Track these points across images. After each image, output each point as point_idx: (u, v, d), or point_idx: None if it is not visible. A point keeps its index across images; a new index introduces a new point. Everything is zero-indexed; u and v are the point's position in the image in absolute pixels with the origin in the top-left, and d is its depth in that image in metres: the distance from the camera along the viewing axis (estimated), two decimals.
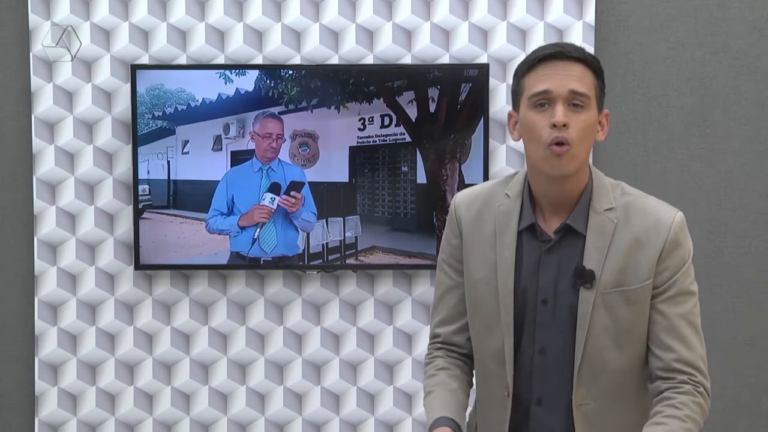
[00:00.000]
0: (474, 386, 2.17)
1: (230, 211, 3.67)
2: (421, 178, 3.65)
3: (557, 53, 1.91)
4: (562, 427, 1.98)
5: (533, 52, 1.96)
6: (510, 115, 2.01)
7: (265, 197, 3.65)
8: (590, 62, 1.93)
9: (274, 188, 3.65)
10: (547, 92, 1.90)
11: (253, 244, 3.66)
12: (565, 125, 1.87)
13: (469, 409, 2.16)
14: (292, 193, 3.65)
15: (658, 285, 1.93)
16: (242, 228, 3.66)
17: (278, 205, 3.65)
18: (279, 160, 3.66)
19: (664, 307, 1.93)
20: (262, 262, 3.67)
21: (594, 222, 1.94)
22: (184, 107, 3.65)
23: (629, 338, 1.93)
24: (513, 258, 1.97)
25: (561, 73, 1.90)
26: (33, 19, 3.68)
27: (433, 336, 2.16)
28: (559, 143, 1.87)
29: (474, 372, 2.14)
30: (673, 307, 1.93)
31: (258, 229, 3.65)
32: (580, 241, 1.95)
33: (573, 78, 1.90)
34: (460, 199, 2.11)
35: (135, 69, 3.63)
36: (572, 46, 1.95)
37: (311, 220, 3.67)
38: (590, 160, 2.01)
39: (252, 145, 3.66)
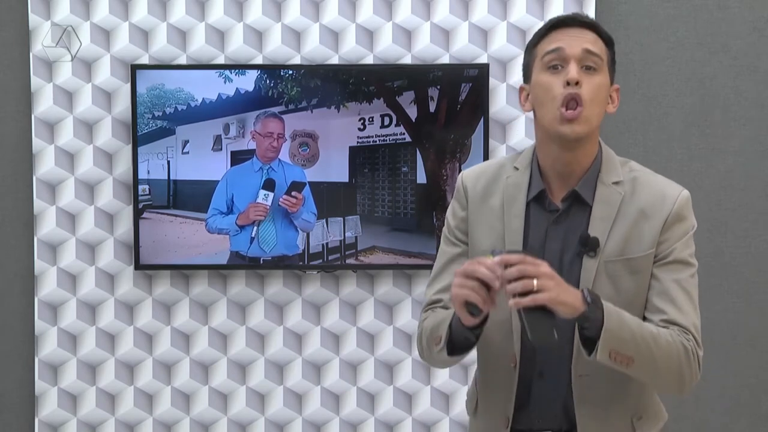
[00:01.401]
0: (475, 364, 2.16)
1: (230, 211, 3.67)
2: (421, 178, 3.65)
3: (570, 19, 1.95)
4: (562, 398, 1.98)
5: (545, 23, 2.00)
6: (521, 89, 2.02)
7: (260, 194, 3.65)
8: (602, 32, 1.96)
9: (268, 185, 3.65)
10: (561, 50, 1.91)
11: (251, 243, 3.66)
12: (578, 83, 1.88)
13: (469, 385, 2.13)
14: (293, 193, 3.65)
15: (658, 253, 1.94)
16: (240, 227, 3.66)
17: (279, 204, 3.65)
18: (279, 160, 3.66)
19: (658, 272, 1.94)
20: (261, 262, 3.68)
21: (601, 193, 1.95)
22: (184, 107, 3.65)
23: (631, 309, 1.91)
24: (522, 228, 1.98)
25: (574, 34, 1.93)
26: (33, 19, 3.68)
27: (432, 302, 2.13)
28: (572, 107, 1.88)
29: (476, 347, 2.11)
30: (668, 273, 1.93)
31: (255, 228, 3.65)
32: (586, 212, 1.96)
33: (586, 40, 1.93)
34: (467, 173, 2.11)
35: (135, 69, 3.63)
36: (584, 16, 1.99)
37: (311, 221, 3.67)
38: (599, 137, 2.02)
39: (252, 145, 3.66)
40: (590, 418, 1.97)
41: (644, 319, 1.94)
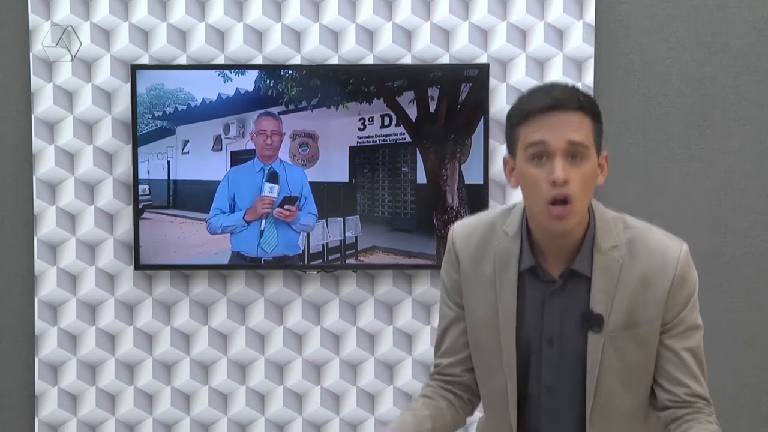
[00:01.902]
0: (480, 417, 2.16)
1: (232, 211, 3.67)
2: (421, 178, 3.65)
3: (553, 106, 1.83)
4: (569, 415, 1.96)
5: (527, 99, 1.87)
6: (506, 161, 1.94)
7: (265, 187, 3.66)
8: (587, 108, 1.86)
9: (273, 178, 3.65)
10: (545, 143, 1.82)
11: (261, 236, 3.65)
12: (565, 182, 1.80)
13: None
14: (285, 206, 3.65)
15: (666, 321, 1.91)
16: (248, 222, 3.66)
17: (274, 215, 3.65)
18: (281, 161, 3.65)
19: (672, 343, 1.91)
20: (263, 263, 3.67)
21: (599, 262, 1.88)
22: (184, 107, 3.65)
23: (638, 379, 1.91)
24: (515, 300, 1.93)
25: (557, 124, 1.82)
26: (33, 19, 3.68)
27: (435, 365, 2.12)
28: (560, 202, 1.81)
29: (482, 405, 2.11)
30: (682, 342, 1.91)
31: (263, 221, 3.65)
32: (585, 283, 1.90)
33: (571, 129, 1.82)
34: (457, 230, 2.05)
35: (135, 69, 3.63)
36: (567, 94, 1.86)
37: (310, 223, 3.67)
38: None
39: (252, 146, 3.66)
40: None
41: (658, 385, 1.94)
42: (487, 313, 1.95)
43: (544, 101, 1.82)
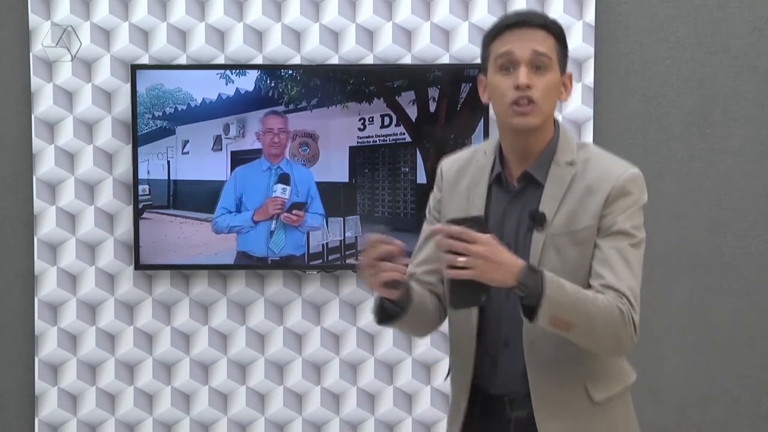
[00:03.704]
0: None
1: (238, 210, 3.67)
2: (421, 178, 3.65)
3: (520, 21, 2.05)
4: (521, 366, 2.09)
5: (498, 20, 2.10)
6: (480, 80, 2.16)
7: (276, 188, 3.66)
8: (551, 28, 2.07)
9: (284, 179, 3.66)
10: (511, 53, 2.04)
11: (271, 236, 3.65)
12: (528, 86, 2.01)
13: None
14: (294, 211, 3.66)
15: (601, 226, 2.04)
16: (256, 223, 3.66)
17: (282, 220, 3.65)
18: (288, 160, 3.66)
19: (600, 242, 2.03)
20: (269, 262, 3.67)
21: (554, 173, 2.08)
22: (184, 107, 3.65)
23: (576, 278, 2.01)
24: (483, 207, 2.12)
25: (523, 36, 2.04)
26: (33, 19, 3.68)
27: (409, 275, 2.21)
28: (522, 104, 2.03)
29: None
30: (609, 242, 2.02)
31: (274, 221, 3.65)
32: (540, 191, 2.08)
33: (535, 41, 2.03)
34: (445, 160, 2.30)
35: (135, 69, 3.63)
36: (534, 13, 2.09)
37: (317, 223, 3.67)
38: (560, 117, 2.08)
39: (255, 145, 3.66)
40: (543, 381, 2.07)
41: (588, 286, 2.04)
42: None
43: (513, 18, 2.07)
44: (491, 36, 2.08)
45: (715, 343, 3.75)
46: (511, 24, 2.05)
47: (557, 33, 2.07)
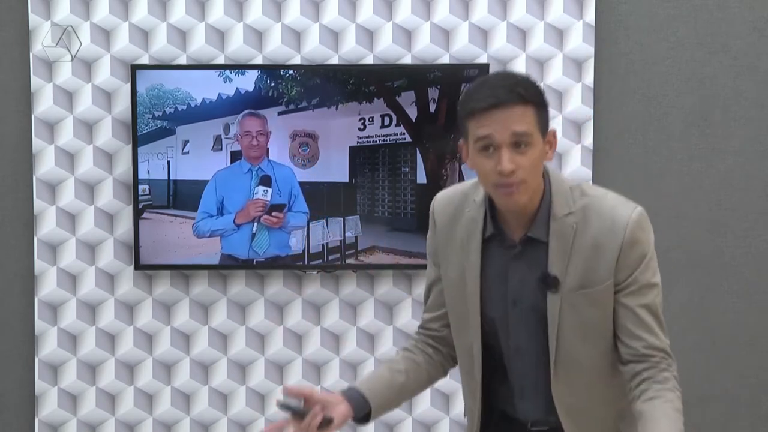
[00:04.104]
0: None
1: (220, 213, 3.67)
2: (421, 178, 3.65)
3: (494, 104, 1.94)
4: (545, 413, 2.11)
5: (472, 95, 2.00)
6: (460, 146, 2.08)
7: (258, 191, 3.66)
8: (527, 97, 1.95)
9: (265, 181, 3.65)
10: (491, 136, 1.95)
11: (253, 239, 3.66)
12: (512, 172, 1.93)
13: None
14: (273, 213, 3.65)
15: (619, 282, 2.01)
16: (238, 226, 3.66)
17: (262, 221, 3.65)
18: (269, 160, 3.65)
19: (627, 301, 2.01)
20: (254, 263, 3.67)
21: (555, 228, 2.01)
22: (184, 107, 3.65)
23: (596, 333, 2.04)
24: (479, 264, 2.07)
25: (500, 119, 1.94)
26: (33, 19, 3.68)
27: (421, 319, 2.33)
28: (508, 187, 1.95)
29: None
30: (637, 299, 2.01)
31: (255, 224, 3.65)
32: (543, 248, 2.03)
33: (513, 121, 1.94)
34: (438, 198, 2.21)
35: (135, 69, 3.63)
36: (507, 89, 1.95)
37: (301, 223, 3.66)
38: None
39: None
40: (575, 427, 2.10)
41: (619, 341, 2.04)
42: (457, 276, 2.12)
43: (487, 101, 1.96)
44: (467, 114, 2.00)
45: (715, 343, 3.75)
46: (485, 108, 1.95)
47: (534, 99, 1.96)
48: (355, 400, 2.14)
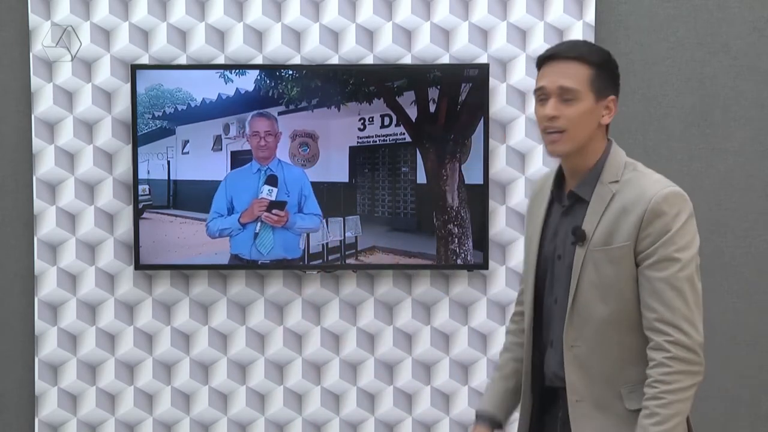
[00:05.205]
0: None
1: (230, 213, 3.67)
2: (421, 178, 3.65)
3: (552, 55, 2.19)
4: (561, 367, 2.22)
5: (542, 53, 2.26)
6: None
7: (263, 190, 3.66)
8: (587, 57, 2.18)
9: (271, 180, 3.65)
10: (543, 89, 2.19)
11: (255, 239, 3.66)
12: (554, 117, 2.16)
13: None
14: (274, 211, 3.65)
15: (642, 251, 2.13)
16: (243, 225, 3.66)
17: (263, 219, 3.65)
18: (279, 160, 3.66)
19: (648, 272, 2.12)
20: (259, 264, 3.67)
21: (598, 191, 2.19)
22: (184, 107, 3.65)
23: (612, 293, 2.15)
24: (541, 221, 2.29)
25: (555, 72, 2.18)
26: (33, 19, 3.68)
27: (516, 304, 2.52)
28: (550, 132, 2.18)
29: None
30: (656, 272, 2.11)
31: (258, 224, 3.65)
32: (586, 207, 2.21)
33: (565, 76, 2.17)
34: (538, 178, 2.55)
35: (135, 69, 3.63)
36: (570, 45, 2.22)
37: (311, 225, 3.66)
38: (611, 141, 2.25)
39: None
40: (578, 381, 2.19)
41: (642, 314, 2.16)
42: (528, 236, 2.35)
43: (548, 52, 2.22)
44: (537, 67, 2.24)
45: (715, 343, 3.75)
46: (545, 57, 2.20)
47: (592, 60, 2.17)
48: (486, 419, 2.39)
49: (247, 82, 3.62)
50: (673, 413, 2.07)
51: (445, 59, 3.67)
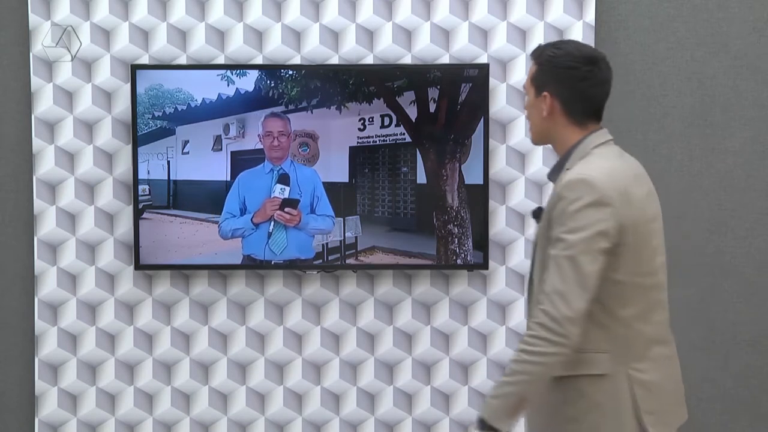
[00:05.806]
0: None
1: (242, 214, 3.67)
2: (421, 178, 3.65)
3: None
4: None
5: None
6: None
7: (275, 189, 3.66)
8: (535, 56, 2.40)
9: (284, 179, 3.65)
10: None
11: (269, 238, 3.65)
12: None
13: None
14: (286, 209, 3.65)
15: (550, 230, 2.32)
16: (256, 225, 3.66)
17: (276, 218, 3.65)
18: (291, 161, 3.65)
19: (548, 250, 2.30)
20: (272, 264, 3.67)
21: (560, 176, 2.35)
22: (184, 107, 3.65)
23: (542, 268, 2.31)
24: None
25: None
26: (33, 19, 3.68)
27: None
28: None
29: None
30: (550, 249, 2.28)
31: (272, 223, 3.65)
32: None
33: (528, 74, 2.43)
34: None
35: (135, 69, 3.63)
36: (538, 47, 2.42)
37: (324, 227, 3.66)
38: (585, 136, 2.36)
39: (255, 146, 3.66)
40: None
41: None
42: None
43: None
44: None
45: (715, 343, 3.75)
46: None
47: (536, 59, 2.40)
48: None
49: (247, 82, 3.62)
50: (520, 369, 2.23)
51: (445, 59, 3.67)
